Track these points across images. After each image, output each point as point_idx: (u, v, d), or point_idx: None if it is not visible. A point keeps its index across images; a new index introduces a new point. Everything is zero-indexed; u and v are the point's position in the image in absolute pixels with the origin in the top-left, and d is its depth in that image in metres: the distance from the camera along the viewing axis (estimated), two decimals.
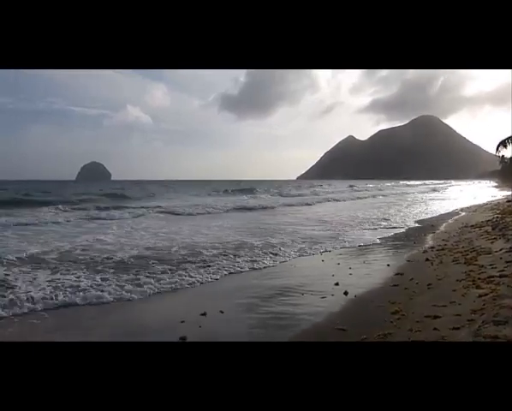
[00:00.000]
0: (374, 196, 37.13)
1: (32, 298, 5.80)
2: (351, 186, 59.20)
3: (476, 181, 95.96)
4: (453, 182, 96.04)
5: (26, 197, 30.75)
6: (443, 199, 30.39)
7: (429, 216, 17.54)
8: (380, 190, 49.34)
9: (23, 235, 11.79)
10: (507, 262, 6.11)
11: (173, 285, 6.70)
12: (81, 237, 11.54)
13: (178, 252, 9.33)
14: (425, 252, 8.46)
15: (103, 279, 6.91)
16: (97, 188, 47.51)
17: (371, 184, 67.93)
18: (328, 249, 9.73)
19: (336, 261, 8.34)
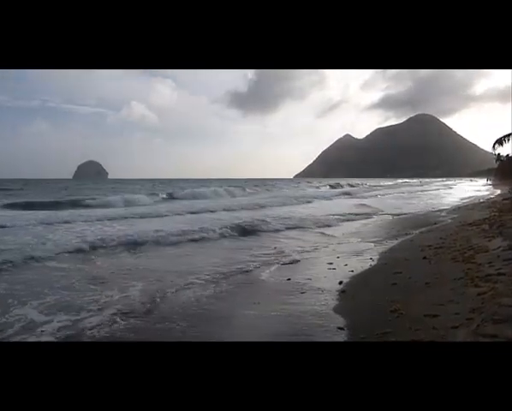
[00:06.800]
0: None
1: None
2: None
3: (469, 180, 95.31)
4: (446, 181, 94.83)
5: None
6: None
7: None
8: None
9: None
10: (504, 260, 6.11)
11: None
12: None
13: None
14: (422, 250, 8.46)
15: None
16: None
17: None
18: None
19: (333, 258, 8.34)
